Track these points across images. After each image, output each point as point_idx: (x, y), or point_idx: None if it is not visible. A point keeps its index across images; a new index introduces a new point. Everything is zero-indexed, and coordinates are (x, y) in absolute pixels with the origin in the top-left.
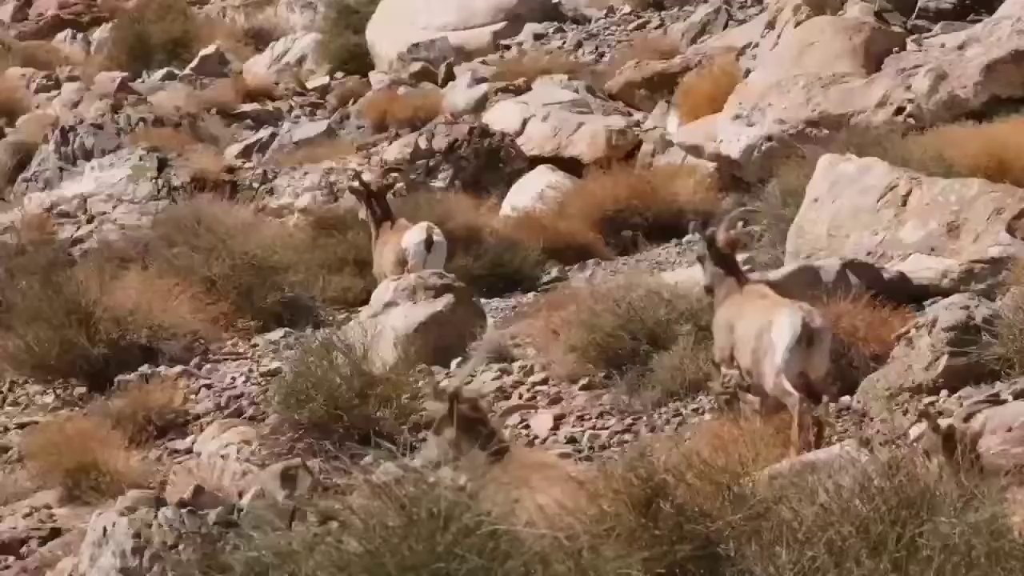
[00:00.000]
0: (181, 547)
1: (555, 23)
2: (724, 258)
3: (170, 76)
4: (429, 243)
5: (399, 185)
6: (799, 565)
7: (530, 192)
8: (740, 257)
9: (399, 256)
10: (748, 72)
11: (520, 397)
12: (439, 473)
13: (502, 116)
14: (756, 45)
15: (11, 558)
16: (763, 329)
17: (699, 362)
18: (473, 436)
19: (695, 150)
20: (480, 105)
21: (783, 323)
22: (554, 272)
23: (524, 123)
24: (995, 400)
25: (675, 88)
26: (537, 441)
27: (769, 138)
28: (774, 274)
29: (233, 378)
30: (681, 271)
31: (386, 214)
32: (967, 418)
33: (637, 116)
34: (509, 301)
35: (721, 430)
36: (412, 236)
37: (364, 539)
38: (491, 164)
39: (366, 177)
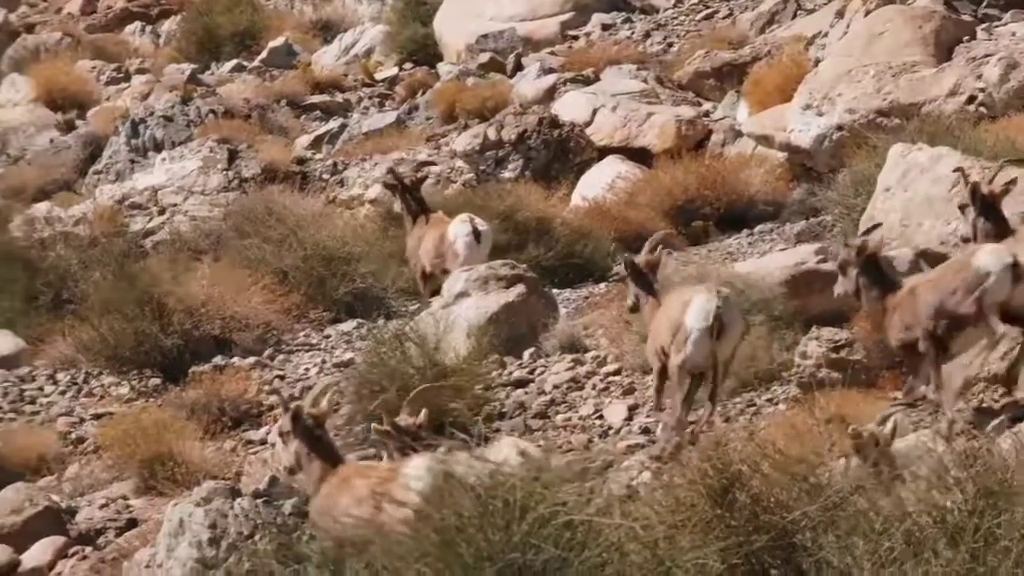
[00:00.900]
0: (257, 537)
1: (623, 13)
2: (643, 278)
3: (239, 68)
4: (477, 234)
5: (467, 176)
6: (876, 556)
7: (600, 182)
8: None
9: (441, 248)
10: (818, 61)
11: (594, 388)
12: (507, 464)
13: (571, 106)
14: (825, 34)
15: (88, 548)
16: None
17: (772, 352)
18: (315, 447)
19: (765, 140)
20: (549, 95)
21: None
22: None
23: (593, 113)
24: None
25: (744, 78)
26: (611, 432)
27: (839, 127)
28: None
29: (306, 369)
30: (752, 261)
31: (421, 207)
32: None
33: (706, 106)
34: (580, 291)
35: (796, 420)
36: (459, 228)
37: (440, 528)
38: (560, 154)
39: (400, 170)
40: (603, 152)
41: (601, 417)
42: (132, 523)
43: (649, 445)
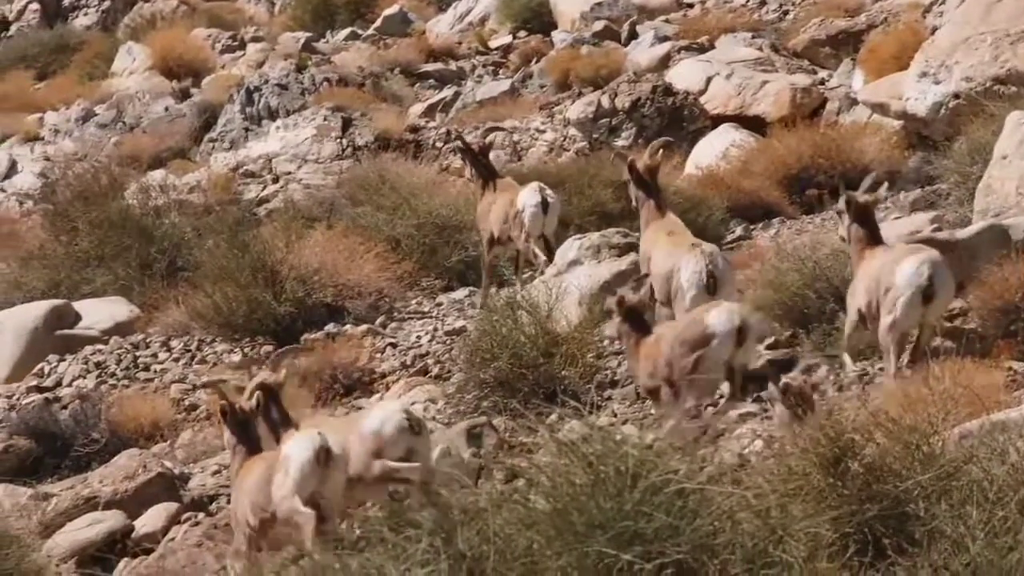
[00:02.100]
0: (368, 504)
1: None
2: (644, 183)
3: (353, 36)
4: (545, 204)
5: (580, 144)
6: (990, 525)
7: (714, 150)
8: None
9: (510, 215)
10: (934, 29)
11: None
12: (624, 431)
13: (685, 74)
14: (942, 2)
15: (201, 515)
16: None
17: None
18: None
19: (880, 108)
20: (663, 63)
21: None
22: (738, 231)
23: (707, 81)
24: None
25: (860, 46)
26: (721, 400)
27: (956, 95)
28: (961, 233)
29: (418, 337)
30: None
31: (490, 173)
32: None
33: (822, 74)
34: None
35: (909, 389)
36: (528, 197)
37: (551, 497)
38: (674, 123)
39: (468, 137)
40: (717, 120)
41: None
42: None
43: (761, 413)
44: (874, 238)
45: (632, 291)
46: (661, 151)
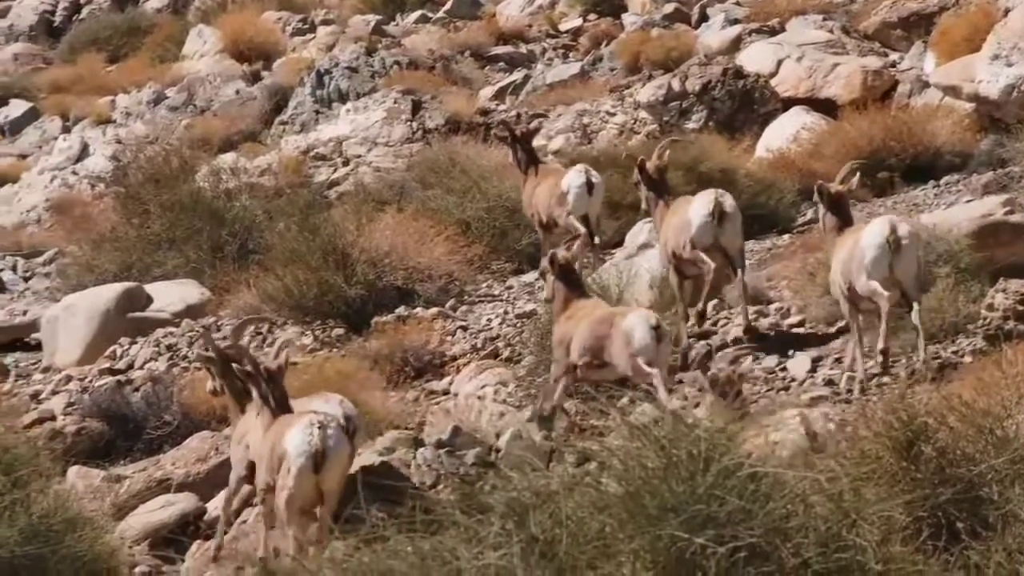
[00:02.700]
0: (440, 487)
1: None
2: (653, 183)
3: (423, 19)
4: (590, 185)
5: (650, 127)
6: None
7: (784, 133)
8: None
9: (556, 198)
10: (1007, 11)
11: (777, 339)
12: (696, 414)
13: (756, 57)
14: None
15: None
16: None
17: (959, 304)
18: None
19: (952, 91)
20: (734, 46)
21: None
22: (809, 214)
23: (778, 64)
24: None
25: (932, 28)
26: (794, 384)
27: None
28: None
29: (488, 320)
30: (939, 212)
31: (531, 159)
32: None
33: (893, 56)
34: (764, 243)
35: (983, 372)
36: (573, 179)
37: (623, 480)
38: (745, 105)
39: (512, 123)
40: (788, 103)
41: (784, 369)
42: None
43: (833, 397)
44: (846, 224)
45: (565, 250)
46: (667, 152)
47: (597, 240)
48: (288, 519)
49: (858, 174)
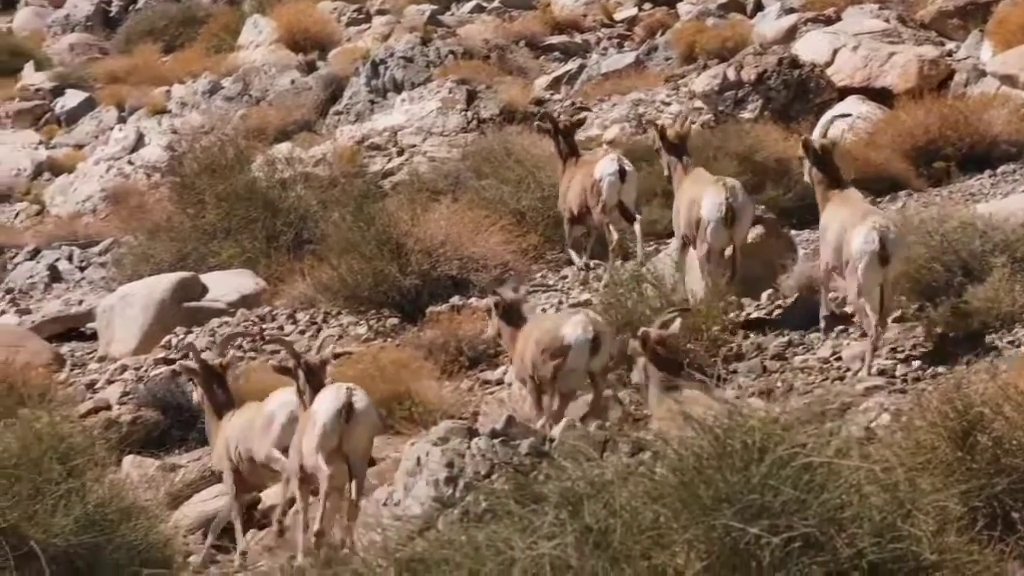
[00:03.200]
0: (494, 476)
1: None
2: (674, 148)
3: (478, 8)
4: (623, 173)
5: (705, 117)
6: None
7: (840, 123)
8: None
9: (589, 187)
10: None
11: (832, 329)
12: (751, 404)
13: (811, 46)
14: None
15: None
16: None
17: (1015, 294)
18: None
19: (1009, 80)
20: (789, 35)
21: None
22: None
23: (834, 53)
24: None
25: (988, 17)
26: (848, 374)
27: None
28: None
29: (543, 309)
30: (994, 202)
31: (572, 150)
32: None
33: (949, 46)
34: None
35: None
36: (605, 166)
37: (678, 470)
38: (800, 95)
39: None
40: (843, 92)
41: (839, 359)
42: (370, 462)
43: (888, 387)
44: (836, 181)
45: (512, 290)
46: (689, 119)
47: (638, 228)
48: (321, 470)
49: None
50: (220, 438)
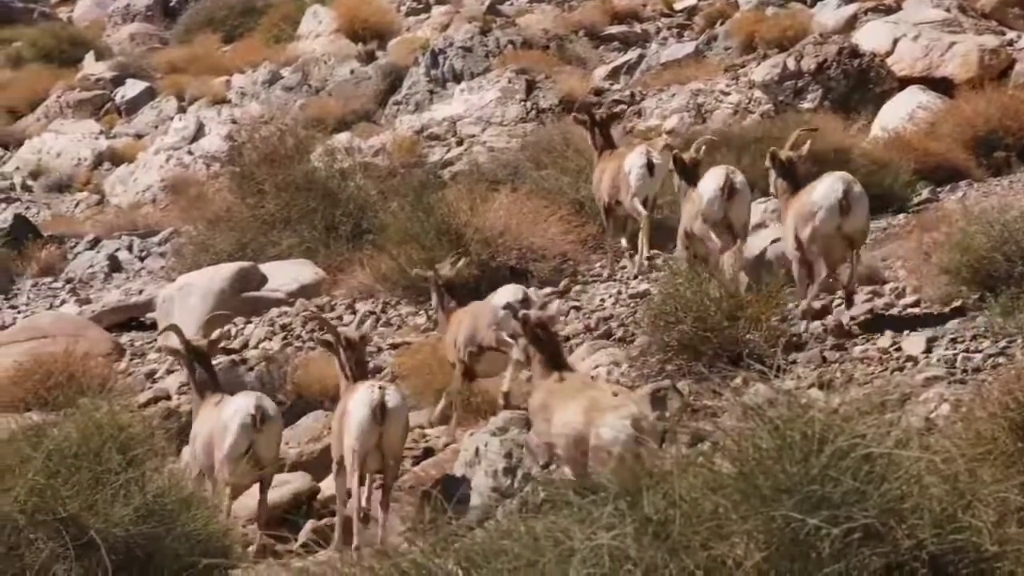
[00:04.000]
0: (552, 467)
1: None
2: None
3: None
4: (651, 166)
5: (765, 107)
6: None
7: (900, 112)
8: None
9: (617, 179)
10: None
11: (892, 319)
12: (811, 395)
13: (872, 36)
14: None
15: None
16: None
17: None
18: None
19: None
20: (849, 25)
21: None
22: (925, 193)
23: (894, 43)
24: None
25: None
26: (909, 364)
27: None
28: None
29: (602, 300)
30: None
31: (608, 142)
32: None
33: (1010, 35)
34: (879, 222)
35: None
36: (634, 159)
37: (737, 461)
38: (860, 85)
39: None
40: (904, 82)
41: (899, 349)
42: (428, 452)
43: (948, 377)
44: (797, 188)
45: (451, 266)
46: (703, 147)
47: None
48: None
49: (808, 142)
50: (198, 422)
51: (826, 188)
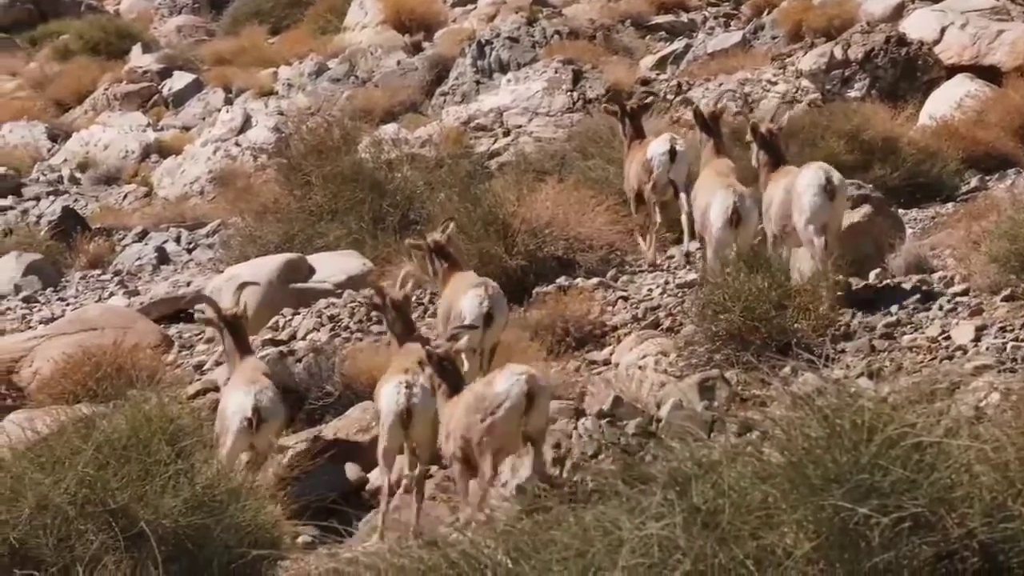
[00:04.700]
0: (601, 457)
1: None
2: (707, 127)
3: None
4: (673, 153)
5: (812, 96)
6: None
7: (948, 101)
8: None
9: (644, 166)
10: None
11: (940, 309)
12: (860, 384)
13: (919, 24)
14: None
15: (434, 467)
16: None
17: None
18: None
19: None
20: (897, 13)
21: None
22: (973, 182)
23: (942, 31)
24: None
25: None
26: (958, 353)
27: None
28: None
29: (649, 289)
30: None
31: (638, 133)
32: None
33: None
34: (927, 211)
35: None
36: (656, 146)
37: (786, 450)
38: (908, 73)
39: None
40: (951, 70)
41: (948, 338)
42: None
43: (998, 366)
44: (777, 162)
45: (440, 232)
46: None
47: (684, 201)
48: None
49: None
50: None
51: (809, 177)
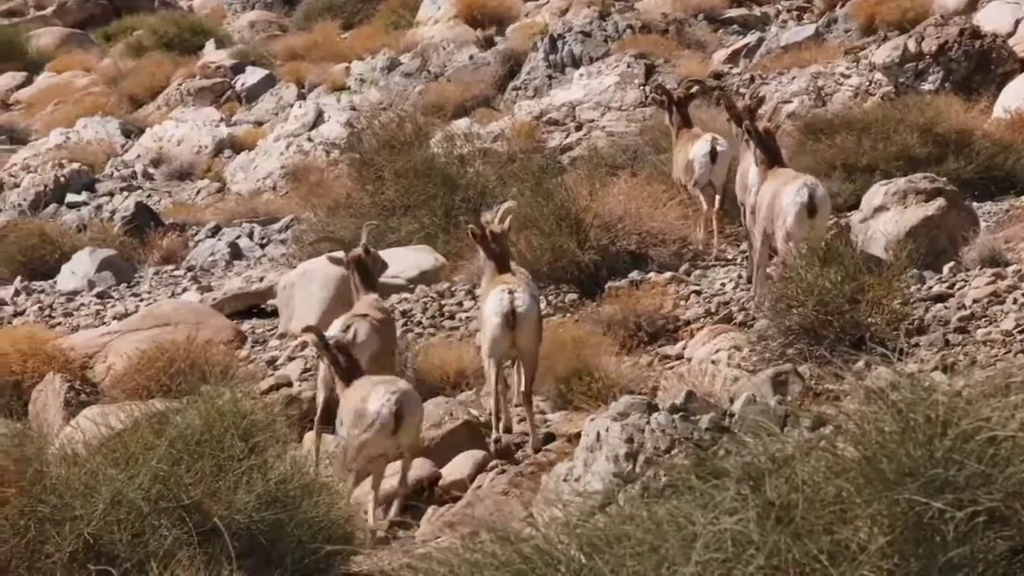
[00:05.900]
0: (674, 452)
1: None
2: (740, 119)
3: None
4: (714, 154)
5: (886, 89)
6: None
7: (1023, 94)
8: None
9: (687, 164)
10: None
11: (1015, 302)
12: (934, 378)
13: (993, 17)
14: None
15: (506, 463)
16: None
17: None
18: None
19: None
20: (971, 6)
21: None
22: None
23: (1016, 24)
24: None
25: None
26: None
27: None
28: None
29: (722, 284)
30: None
31: (685, 122)
32: None
33: None
34: (1002, 204)
35: None
36: (699, 147)
37: (860, 444)
38: (982, 66)
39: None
40: None
41: (1023, 331)
42: (549, 437)
43: None
44: (774, 161)
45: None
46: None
47: (717, 201)
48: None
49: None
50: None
51: (791, 195)
